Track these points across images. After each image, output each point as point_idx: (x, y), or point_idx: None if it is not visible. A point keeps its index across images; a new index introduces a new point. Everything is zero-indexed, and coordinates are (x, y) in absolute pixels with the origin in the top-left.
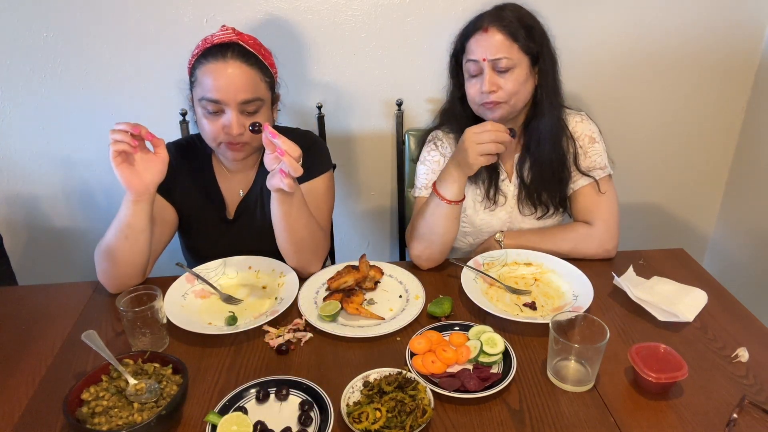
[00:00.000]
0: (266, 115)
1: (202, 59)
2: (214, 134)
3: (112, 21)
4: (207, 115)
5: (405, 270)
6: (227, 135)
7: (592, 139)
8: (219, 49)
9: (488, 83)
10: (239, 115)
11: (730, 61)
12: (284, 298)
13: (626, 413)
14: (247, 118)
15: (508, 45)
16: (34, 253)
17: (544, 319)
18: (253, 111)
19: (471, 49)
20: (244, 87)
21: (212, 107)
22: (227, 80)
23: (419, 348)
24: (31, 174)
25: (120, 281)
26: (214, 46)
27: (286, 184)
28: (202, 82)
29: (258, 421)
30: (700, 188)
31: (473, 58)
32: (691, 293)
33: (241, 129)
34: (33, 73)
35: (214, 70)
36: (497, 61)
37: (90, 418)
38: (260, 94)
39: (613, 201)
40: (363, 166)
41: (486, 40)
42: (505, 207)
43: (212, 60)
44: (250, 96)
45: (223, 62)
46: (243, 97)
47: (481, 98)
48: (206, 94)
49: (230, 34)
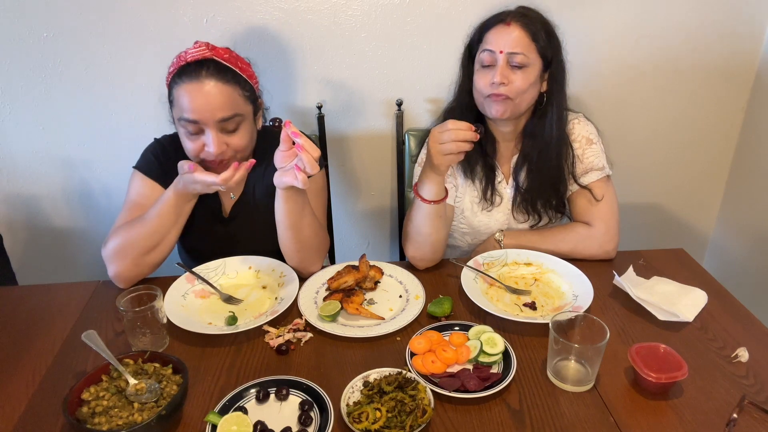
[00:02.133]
0: (248, 128)
1: (177, 79)
2: (196, 152)
3: (112, 21)
4: (187, 134)
5: (405, 270)
6: (208, 153)
7: (590, 140)
8: (194, 68)
9: (500, 74)
10: (219, 133)
11: (731, 61)
12: (284, 298)
13: (626, 413)
14: (228, 135)
15: (527, 43)
16: (34, 253)
17: (544, 319)
18: (233, 128)
19: (489, 39)
20: (221, 105)
21: (191, 127)
22: (203, 99)
23: (419, 348)
24: (31, 174)
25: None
26: (188, 64)
27: (300, 180)
28: (179, 102)
29: (258, 421)
30: (700, 188)
31: (490, 48)
32: (691, 293)
33: (222, 147)
34: (33, 73)
35: (189, 90)
36: (513, 56)
37: (90, 418)
38: (239, 110)
39: (613, 202)
40: (363, 166)
41: (507, 34)
42: (502, 208)
43: (187, 80)
44: (228, 113)
45: (197, 82)
46: (221, 116)
47: (490, 89)
48: (184, 114)
49: (204, 51)
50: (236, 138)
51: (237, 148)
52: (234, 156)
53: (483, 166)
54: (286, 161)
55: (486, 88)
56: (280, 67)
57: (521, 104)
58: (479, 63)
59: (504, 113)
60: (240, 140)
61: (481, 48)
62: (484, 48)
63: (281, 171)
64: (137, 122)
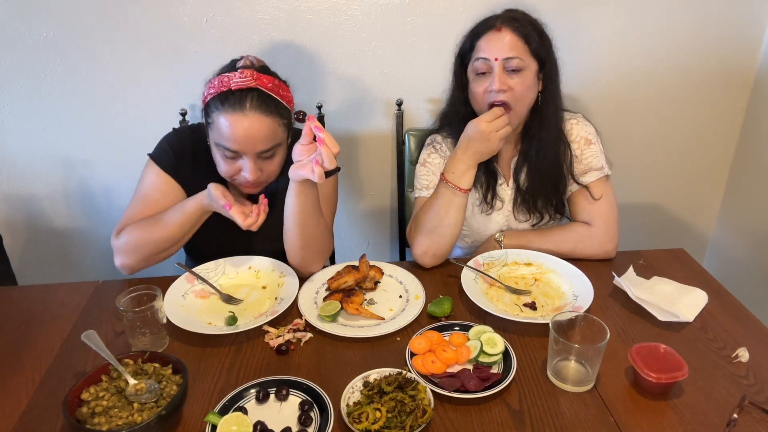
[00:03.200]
0: (282, 153)
1: (219, 104)
2: (230, 174)
3: (112, 21)
4: (223, 158)
5: (405, 270)
6: (243, 177)
7: (588, 140)
8: (237, 97)
9: (498, 81)
10: (256, 160)
11: (731, 61)
12: (284, 298)
13: (626, 413)
14: (264, 162)
15: (521, 46)
16: (34, 253)
17: (544, 319)
18: (270, 156)
19: (481, 47)
20: (262, 139)
21: (230, 154)
22: (245, 132)
23: (419, 348)
24: (31, 174)
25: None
26: (231, 91)
27: (317, 174)
28: (219, 127)
29: (258, 421)
30: (700, 188)
31: (484, 56)
32: (691, 293)
33: (258, 174)
34: (33, 73)
35: (232, 121)
36: (509, 61)
37: (90, 418)
38: (278, 140)
39: (613, 201)
40: (363, 166)
41: (499, 40)
42: (502, 211)
43: (230, 109)
44: (269, 145)
45: (241, 114)
46: (261, 148)
47: (489, 97)
48: (223, 142)
49: (249, 81)
50: (271, 164)
51: (270, 174)
52: (267, 179)
53: (485, 171)
54: (304, 155)
55: (485, 95)
56: (280, 67)
57: (522, 110)
58: (474, 71)
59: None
60: (274, 166)
61: (474, 56)
62: (478, 56)
63: (298, 164)
64: (137, 122)
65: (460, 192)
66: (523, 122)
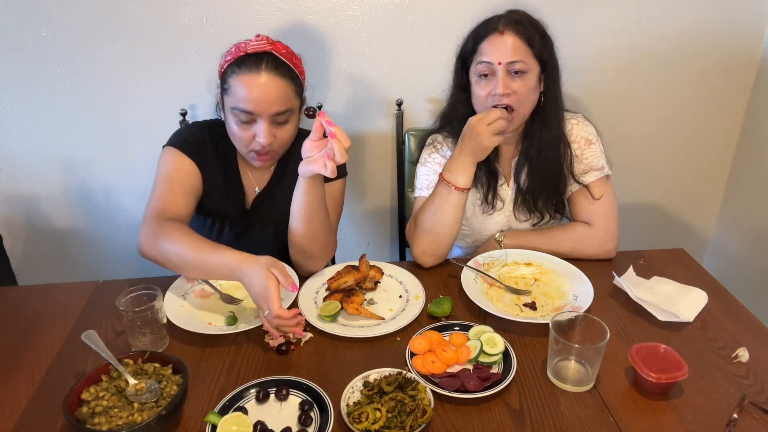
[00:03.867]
0: (295, 122)
1: (236, 68)
2: (245, 141)
3: (112, 21)
4: (239, 123)
5: (405, 270)
6: (257, 143)
7: (589, 140)
8: (253, 60)
9: (502, 85)
10: (270, 125)
11: (731, 60)
12: (284, 298)
13: (626, 413)
14: (277, 127)
15: (524, 49)
16: (34, 253)
17: (544, 319)
18: (283, 121)
19: (484, 50)
20: (276, 100)
21: (245, 117)
22: (260, 92)
23: (419, 348)
24: (31, 174)
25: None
26: (248, 55)
27: (330, 168)
28: (234, 91)
29: (258, 421)
30: (700, 188)
31: (487, 60)
32: (691, 293)
33: (271, 139)
34: (33, 73)
35: (248, 82)
36: (512, 65)
37: (90, 418)
38: (291, 105)
39: (613, 201)
40: (363, 166)
41: (502, 43)
42: (503, 211)
43: (246, 71)
44: (282, 108)
45: (257, 74)
46: (276, 110)
47: (492, 100)
48: (239, 104)
49: (264, 44)
50: (284, 131)
51: (283, 140)
52: (278, 151)
53: (485, 171)
54: (315, 150)
55: (488, 99)
56: None
57: (525, 112)
58: (476, 74)
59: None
60: (287, 133)
61: (476, 59)
62: (481, 60)
63: (308, 160)
64: (137, 122)
65: (455, 191)
66: (524, 123)
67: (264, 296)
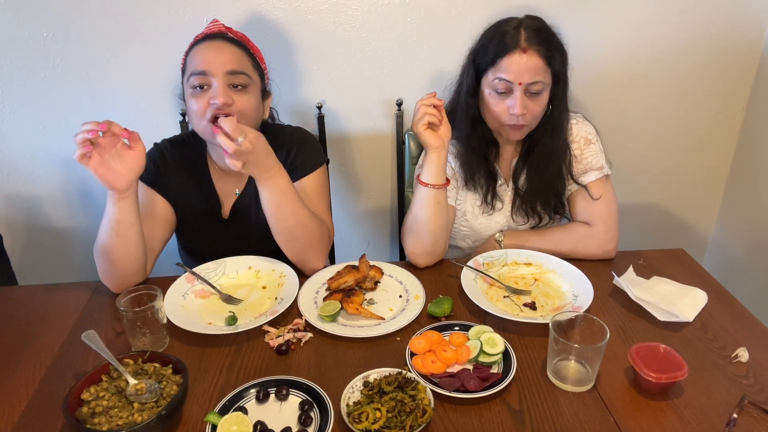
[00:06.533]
0: (255, 95)
1: (193, 48)
2: (201, 111)
3: (112, 21)
4: (194, 93)
5: (405, 270)
6: (213, 105)
7: (588, 140)
8: (208, 37)
9: (520, 105)
10: (226, 87)
11: (730, 61)
12: (284, 298)
13: (626, 413)
14: (235, 92)
15: (544, 69)
16: (34, 253)
17: (544, 319)
18: (241, 84)
19: (504, 67)
20: (230, 59)
21: (198, 80)
22: (213, 52)
23: (419, 348)
24: (31, 174)
25: (120, 279)
26: (204, 36)
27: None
28: (190, 63)
29: (258, 421)
30: (700, 188)
31: (507, 78)
32: (691, 293)
33: (228, 99)
34: (33, 73)
35: (202, 49)
36: (531, 85)
37: (90, 418)
38: (247, 71)
39: (613, 201)
40: (363, 166)
41: (525, 63)
42: (503, 211)
43: (201, 44)
44: (237, 67)
45: (210, 41)
46: (230, 68)
47: (510, 119)
48: (194, 68)
49: (220, 26)
50: (243, 99)
51: (242, 108)
52: (241, 119)
53: (485, 172)
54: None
55: (505, 117)
56: (279, 67)
57: (535, 125)
58: (492, 87)
59: (521, 136)
60: (246, 102)
61: (494, 73)
62: (500, 76)
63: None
64: (137, 122)
65: (420, 185)
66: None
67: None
